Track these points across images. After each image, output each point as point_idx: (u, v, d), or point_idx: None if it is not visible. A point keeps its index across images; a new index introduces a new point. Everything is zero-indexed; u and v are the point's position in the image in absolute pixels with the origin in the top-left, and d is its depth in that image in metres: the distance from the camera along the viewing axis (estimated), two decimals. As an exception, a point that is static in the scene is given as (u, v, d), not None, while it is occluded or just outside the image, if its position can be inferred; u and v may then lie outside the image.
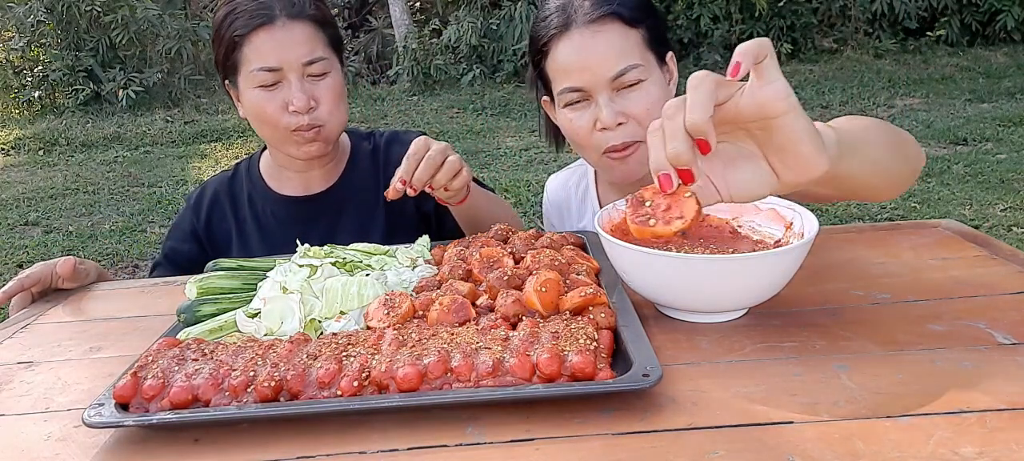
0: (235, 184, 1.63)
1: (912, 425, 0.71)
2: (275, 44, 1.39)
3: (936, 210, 4.64)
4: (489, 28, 10.05)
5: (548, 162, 6.41)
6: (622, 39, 1.26)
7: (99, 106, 9.65)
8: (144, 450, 0.76)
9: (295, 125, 1.42)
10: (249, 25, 1.39)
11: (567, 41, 1.27)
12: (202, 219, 1.61)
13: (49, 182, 6.82)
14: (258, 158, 1.65)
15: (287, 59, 1.40)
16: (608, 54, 1.25)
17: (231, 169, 1.68)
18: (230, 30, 1.41)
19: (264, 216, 1.58)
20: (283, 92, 1.41)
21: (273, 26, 1.40)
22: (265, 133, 1.48)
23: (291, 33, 1.40)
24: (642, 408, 0.76)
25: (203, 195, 1.64)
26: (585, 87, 1.27)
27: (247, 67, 1.41)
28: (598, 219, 1.02)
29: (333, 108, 1.45)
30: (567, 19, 1.28)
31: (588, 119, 1.28)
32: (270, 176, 1.61)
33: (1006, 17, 9.49)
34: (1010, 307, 0.95)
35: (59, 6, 9.68)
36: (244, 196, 1.61)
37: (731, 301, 0.94)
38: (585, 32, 1.26)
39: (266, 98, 1.41)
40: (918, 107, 7.47)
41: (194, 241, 1.60)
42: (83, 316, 1.21)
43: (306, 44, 1.41)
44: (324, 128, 1.45)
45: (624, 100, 1.27)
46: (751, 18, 9.85)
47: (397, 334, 0.87)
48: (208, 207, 1.61)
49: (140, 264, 4.71)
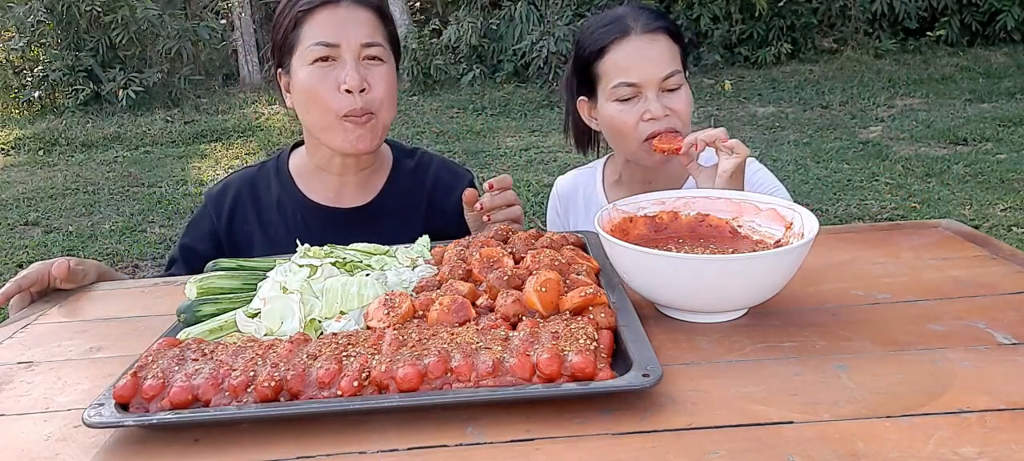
0: (260, 183, 1.57)
1: (912, 425, 0.71)
2: (337, 21, 1.39)
3: (936, 210, 4.64)
4: (489, 28, 10.06)
5: (548, 162, 6.41)
6: (670, 49, 1.52)
7: (99, 106, 9.66)
8: (144, 450, 0.76)
9: (347, 108, 1.38)
10: (313, 2, 1.40)
11: (627, 44, 1.51)
12: (223, 219, 1.54)
13: (49, 182, 6.82)
14: (287, 158, 1.58)
15: (346, 37, 1.38)
16: (661, 59, 1.50)
17: (255, 166, 1.61)
18: (295, 8, 1.41)
19: (294, 221, 1.52)
20: (337, 71, 1.38)
21: (337, 6, 1.40)
22: (314, 119, 1.43)
23: (354, 14, 1.41)
24: (642, 408, 0.76)
25: (225, 194, 1.57)
26: (639, 82, 1.49)
27: (304, 44, 1.40)
28: (598, 219, 1.02)
29: (385, 97, 1.42)
30: (626, 27, 1.51)
31: (635, 112, 1.50)
32: (302, 179, 1.55)
33: (1006, 17, 9.49)
34: (1010, 307, 0.95)
35: (59, 6, 9.69)
36: (272, 198, 1.55)
37: (731, 301, 0.94)
38: (643, 38, 1.51)
39: (319, 76, 1.38)
40: (918, 107, 7.47)
41: (212, 241, 1.54)
42: (83, 316, 1.21)
43: (367, 27, 1.41)
44: (375, 116, 1.41)
45: (668, 98, 1.51)
46: (751, 18, 9.85)
47: (397, 334, 0.87)
48: (230, 208, 1.55)
49: (140, 264, 4.71)
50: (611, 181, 1.70)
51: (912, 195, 4.96)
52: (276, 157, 1.61)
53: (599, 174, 1.73)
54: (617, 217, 1.08)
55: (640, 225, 1.10)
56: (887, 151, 6.05)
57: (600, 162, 1.75)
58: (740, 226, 1.08)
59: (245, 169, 1.62)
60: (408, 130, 7.97)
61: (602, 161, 1.75)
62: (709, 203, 1.10)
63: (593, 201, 1.70)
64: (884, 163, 5.74)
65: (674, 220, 1.10)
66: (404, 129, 7.97)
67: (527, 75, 9.49)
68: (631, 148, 1.54)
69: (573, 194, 1.75)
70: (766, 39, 9.91)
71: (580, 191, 1.75)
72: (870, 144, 6.30)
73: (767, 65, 9.64)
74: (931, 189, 5.07)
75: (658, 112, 1.48)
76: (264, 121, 8.88)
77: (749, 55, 9.75)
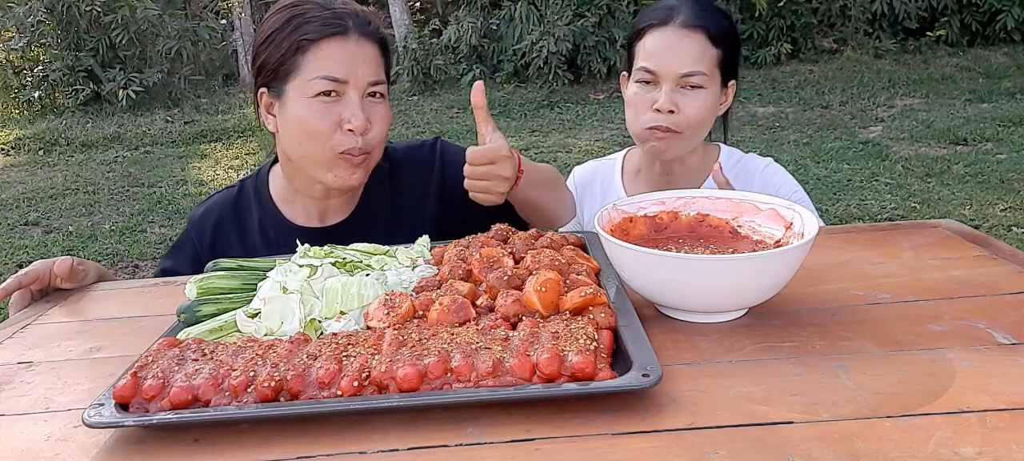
0: (242, 206, 1.53)
1: (912, 425, 0.71)
2: (346, 56, 1.33)
3: (936, 210, 4.64)
4: (489, 28, 10.05)
5: (548, 162, 6.40)
6: (702, 50, 1.50)
7: (99, 106, 9.65)
8: (144, 450, 0.76)
9: (346, 146, 1.34)
10: (322, 31, 1.33)
11: (660, 33, 1.52)
12: (206, 246, 1.51)
13: (49, 182, 6.82)
14: (266, 178, 1.54)
15: (355, 74, 1.33)
16: (686, 57, 1.49)
17: (235, 187, 1.57)
18: (297, 33, 1.34)
19: (277, 245, 1.47)
20: (340, 107, 1.33)
21: (346, 39, 1.34)
22: (306, 151, 1.37)
23: (363, 50, 1.36)
24: (642, 408, 0.76)
25: (206, 221, 1.54)
26: (658, 71, 1.51)
27: (307, 74, 1.33)
28: (598, 219, 1.02)
29: (381, 138, 1.39)
30: (668, 17, 1.52)
31: (649, 98, 1.52)
32: (282, 201, 1.51)
33: (1006, 17, 9.48)
34: (1010, 307, 0.95)
35: (59, 6, 9.68)
36: (254, 221, 1.51)
37: (731, 301, 0.94)
38: (678, 32, 1.51)
39: (321, 111, 1.33)
40: (918, 107, 7.47)
41: (195, 266, 1.47)
42: (83, 316, 1.21)
43: (374, 62, 1.37)
44: (370, 156, 1.38)
45: (682, 96, 1.50)
46: (751, 18, 9.85)
47: (397, 334, 0.87)
48: (211, 234, 1.52)
49: (140, 264, 4.72)
50: (631, 172, 1.72)
51: (912, 195, 4.95)
52: (255, 175, 1.57)
53: (619, 164, 1.75)
54: (617, 217, 1.08)
55: (640, 225, 1.10)
56: (887, 151, 6.05)
57: (621, 153, 1.77)
58: (740, 226, 1.08)
59: (226, 190, 1.58)
60: (408, 130, 7.97)
61: (623, 152, 1.77)
62: (709, 203, 1.10)
63: (610, 191, 1.72)
64: (884, 163, 5.74)
65: (674, 220, 1.10)
66: (404, 129, 7.97)
67: (527, 75, 9.48)
68: (634, 130, 1.57)
69: (590, 182, 1.77)
70: (766, 39, 9.91)
71: (598, 181, 1.76)
72: (870, 144, 6.30)
73: (767, 65, 9.63)
74: (931, 189, 5.07)
75: (664, 106, 1.49)
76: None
77: (749, 55, 9.74)
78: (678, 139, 1.51)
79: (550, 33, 9.14)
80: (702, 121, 1.52)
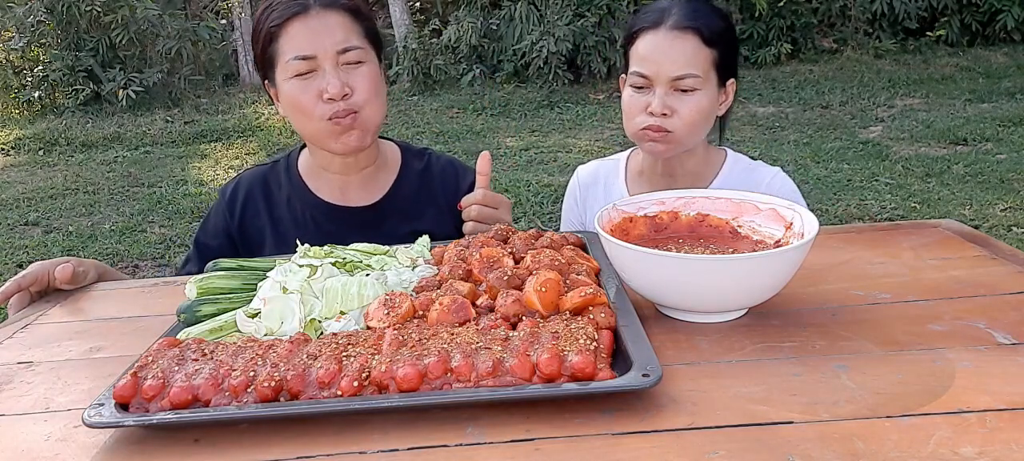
0: (272, 180, 1.61)
1: (912, 425, 0.71)
2: (309, 32, 1.40)
3: (936, 210, 4.64)
4: (489, 28, 10.05)
5: (548, 162, 6.41)
6: (694, 52, 1.49)
7: (99, 106, 9.65)
8: (144, 450, 0.76)
9: (330, 112, 1.40)
10: (284, 15, 1.40)
11: (652, 36, 1.51)
12: (236, 216, 1.58)
13: (49, 182, 6.82)
14: (297, 157, 1.62)
15: (321, 47, 1.39)
16: (678, 59, 1.48)
17: (268, 163, 1.65)
18: (266, 23, 1.42)
19: (304, 219, 1.55)
20: (318, 81, 1.40)
21: (307, 15, 1.40)
22: (302, 127, 1.46)
23: (325, 21, 1.41)
24: (642, 408, 0.76)
25: (237, 191, 1.61)
26: (650, 75, 1.50)
27: (283, 59, 1.41)
28: (598, 219, 1.02)
29: (370, 96, 1.43)
30: (659, 20, 1.51)
31: (643, 102, 1.52)
32: (310, 177, 1.58)
33: (1006, 17, 9.49)
34: (1010, 307, 0.95)
35: (59, 6, 9.68)
36: (282, 195, 1.59)
37: (731, 301, 0.94)
38: (669, 35, 1.49)
39: (301, 88, 1.40)
40: (918, 107, 7.47)
41: (226, 237, 1.58)
42: (83, 316, 1.21)
43: (340, 32, 1.41)
44: (360, 114, 1.42)
45: (675, 98, 1.49)
46: (751, 18, 9.85)
47: (397, 334, 0.87)
48: (242, 204, 1.59)
49: (140, 264, 4.71)
50: (634, 172, 1.72)
51: (912, 195, 4.95)
52: (287, 155, 1.65)
53: (623, 164, 1.75)
54: (617, 217, 1.08)
55: (640, 225, 1.10)
56: (887, 151, 6.05)
57: (624, 153, 1.77)
58: (740, 226, 1.08)
59: (258, 166, 1.66)
60: (408, 130, 7.96)
61: (627, 152, 1.77)
62: (709, 203, 1.10)
63: (613, 191, 1.72)
64: (884, 163, 5.74)
65: (674, 220, 1.11)
66: (404, 129, 7.97)
67: (527, 75, 9.48)
68: (629, 132, 1.58)
69: (594, 182, 1.77)
70: (766, 39, 9.91)
71: (601, 181, 1.76)
72: (870, 144, 6.30)
73: (767, 65, 9.64)
74: (931, 189, 5.07)
75: (656, 108, 1.49)
76: (264, 121, 8.87)
77: (749, 55, 9.74)
78: (672, 139, 1.51)
79: (550, 33, 9.14)
80: (696, 122, 1.51)
